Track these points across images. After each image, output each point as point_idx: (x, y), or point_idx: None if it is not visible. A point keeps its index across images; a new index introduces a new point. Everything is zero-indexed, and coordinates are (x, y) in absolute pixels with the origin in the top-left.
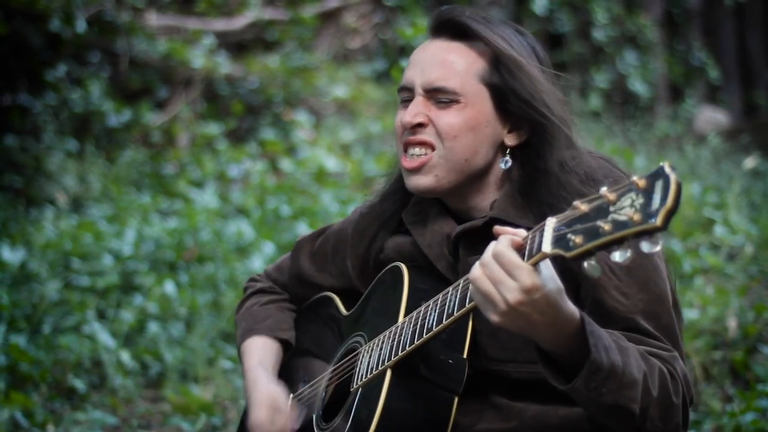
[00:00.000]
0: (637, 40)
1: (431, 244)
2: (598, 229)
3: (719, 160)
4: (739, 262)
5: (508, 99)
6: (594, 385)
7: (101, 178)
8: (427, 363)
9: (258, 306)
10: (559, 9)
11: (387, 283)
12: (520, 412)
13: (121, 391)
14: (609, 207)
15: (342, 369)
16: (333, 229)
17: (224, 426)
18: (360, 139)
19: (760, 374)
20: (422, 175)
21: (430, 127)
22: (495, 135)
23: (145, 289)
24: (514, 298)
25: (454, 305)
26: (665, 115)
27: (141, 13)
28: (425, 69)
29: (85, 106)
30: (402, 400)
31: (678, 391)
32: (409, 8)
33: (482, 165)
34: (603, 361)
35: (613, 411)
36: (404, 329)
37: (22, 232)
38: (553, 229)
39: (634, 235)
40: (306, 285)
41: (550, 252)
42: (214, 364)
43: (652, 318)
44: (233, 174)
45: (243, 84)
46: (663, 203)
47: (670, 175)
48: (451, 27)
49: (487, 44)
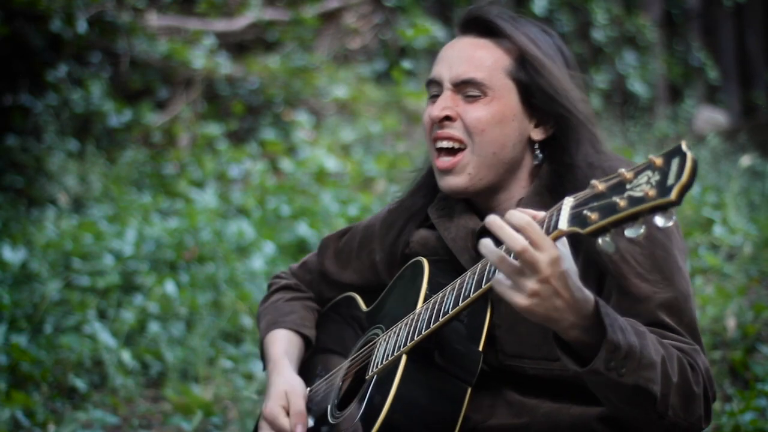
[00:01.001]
0: (637, 40)
1: (455, 238)
2: (614, 206)
3: (718, 160)
4: (738, 262)
5: (533, 94)
6: (613, 365)
7: (102, 178)
8: (442, 352)
9: (283, 301)
10: (558, 9)
11: (407, 278)
12: (532, 409)
13: (122, 390)
14: (626, 185)
15: (359, 359)
16: (360, 226)
17: (224, 425)
18: (360, 140)
19: (758, 374)
20: (455, 175)
21: (458, 122)
22: (522, 129)
23: (146, 288)
24: (545, 269)
25: (471, 287)
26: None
27: (142, 14)
28: (453, 64)
29: (86, 106)
30: (415, 387)
31: (699, 382)
32: (409, 9)
33: (510, 159)
34: (620, 340)
35: (634, 394)
36: (421, 315)
37: (23, 232)
38: (570, 207)
39: (649, 210)
40: (330, 283)
41: (566, 229)
42: (215, 364)
43: (675, 314)
44: (234, 174)
45: (243, 84)
46: (678, 179)
47: (686, 152)
48: (479, 24)
49: (514, 42)
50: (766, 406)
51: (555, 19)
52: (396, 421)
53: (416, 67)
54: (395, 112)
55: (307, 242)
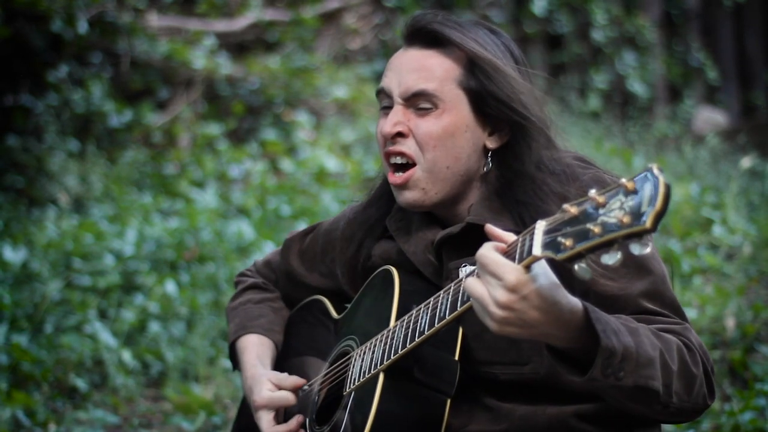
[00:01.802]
0: (636, 41)
1: (416, 251)
2: (587, 232)
3: (717, 160)
4: (738, 262)
5: (486, 102)
6: (611, 370)
7: (103, 178)
8: (419, 366)
9: (252, 304)
10: (558, 10)
11: (377, 287)
12: (509, 413)
13: (123, 390)
14: (598, 209)
15: (334, 373)
16: (322, 228)
17: (225, 425)
18: (360, 140)
19: (758, 373)
20: (409, 190)
21: (410, 138)
22: (476, 139)
23: (147, 288)
24: (503, 297)
25: (446, 309)
26: (664, 115)
27: (142, 14)
28: (402, 77)
29: (87, 106)
30: (395, 403)
31: (697, 361)
32: (408, 9)
33: (466, 170)
34: (615, 345)
35: (636, 393)
36: (396, 333)
37: (24, 232)
38: (543, 232)
39: (624, 237)
40: (296, 284)
41: (540, 255)
42: (215, 364)
43: (657, 298)
44: (234, 174)
45: (244, 85)
46: (652, 205)
47: (658, 177)
48: (424, 35)
49: (461, 49)
50: (765, 405)
51: (555, 19)
52: None
53: None
54: None
55: None
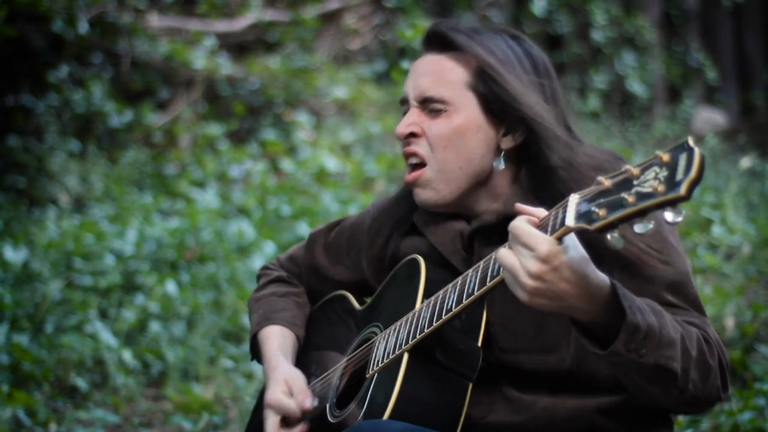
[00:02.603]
0: (636, 41)
1: (444, 241)
2: (622, 201)
3: (717, 160)
4: (737, 262)
5: (495, 103)
6: (633, 346)
7: (103, 178)
8: (443, 349)
9: (276, 297)
10: (558, 10)
11: (403, 275)
12: (530, 405)
13: (123, 389)
14: (632, 181)
15: (357, 358)
16: (347, 222)
17: (225, 424)
18: (360, 140)
19: (757, 373)
20: (422, 189)
21: (423, 138)
22: (488, 140)
23: (147, 288)
24: (535, 267)
25: (475, 285)
26: (663, 115)
27: (143, 15)
28: (417, 80)
29: (88, 106)
30: (418, 385)
31: (714, 354)
32: (408, 10)
33: (480, 171)
34: (639, 321)
35: (655, 373)
36: (422, 313)
37: (25, 231)
38: (576, 203)
39: (659, 206)
40: (320, 277)
41: (573, 226)
42: (216, 363)
43: (680, 293)
44: (234, 174)
45: (244, 85)
46: (687, 174)
47: (693, 148)
48: (438, 39)
49: (470, 54)
50: (764, 405)
51: (554, 20)
52: (400, 419)
53: None
54: (395, 113)
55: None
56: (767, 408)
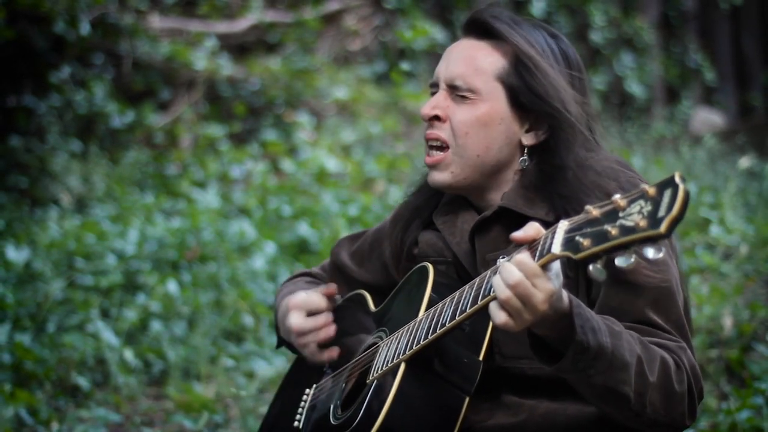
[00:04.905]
0: (634, 42)
1: (459, 242)
2: (605, 234)
3: (715, 160)
4: (735, 262)
5: (523, 96)
6: (581, 365)
7: (105, 178)
8: (442, 360)
9: (303, 282)
10: (556, 11)
11: (413, 282)
12: (530, 409)
13: (125, 388)
14: (618, 212)
15: (361, 362)
16: (371, 230)
17: (226, 423)
18: (360, 140)
19: (755, 372)
20: (439, 171)
21: (447, 123)
22: (510, 133)
23: (148, 288)
24: (543, 305)
25: (468, 302)
26: (661, 116)
27: (144, 16)
28: (450, 64)
29: (89, 107)
30: (413, 395)
31: (682, 380)
32: (409, 11)
33: (496, 162)
34: (589, 341)
35: (606, 394)
36: (421, 324)
37: (27, 231)
38: (564, 231)
39: (639, 241)
40: (345, 279)
41: (559, 254)
42: (217, 362)
43: (663, 312)
44: (235, 174)
45: (245, 86)
46: (669, 211)
47: (679, 184)
48: (478, 26)
49: (510, 44)
50: (762, 404)
51: (553, 20)
52: (392, 429)
53: (415, 68)
54: (395, 113)
55: (307, 242)
56: (765, 407)
